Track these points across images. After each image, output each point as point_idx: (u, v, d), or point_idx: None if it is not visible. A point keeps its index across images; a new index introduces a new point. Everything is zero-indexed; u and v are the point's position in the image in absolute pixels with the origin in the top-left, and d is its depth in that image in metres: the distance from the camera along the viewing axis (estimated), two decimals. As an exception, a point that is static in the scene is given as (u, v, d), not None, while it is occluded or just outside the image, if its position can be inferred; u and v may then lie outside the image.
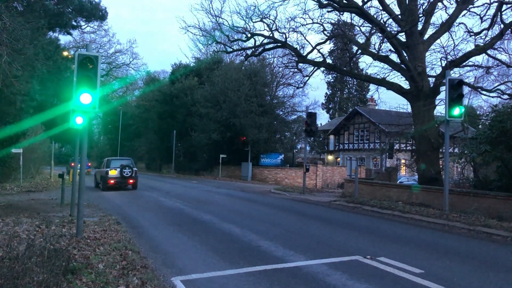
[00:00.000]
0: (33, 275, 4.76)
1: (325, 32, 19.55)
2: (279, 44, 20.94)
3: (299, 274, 6.22)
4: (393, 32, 17.22)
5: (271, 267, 6.50)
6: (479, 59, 21.94)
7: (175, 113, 42.58)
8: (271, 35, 20.38)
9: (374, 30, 17.77)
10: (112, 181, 20.75)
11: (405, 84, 18.25)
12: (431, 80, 17.32)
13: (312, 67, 21.02)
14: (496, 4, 15.93)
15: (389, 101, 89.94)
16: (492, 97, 18.05)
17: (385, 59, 18.18)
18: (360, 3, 17.68)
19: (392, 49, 17.81)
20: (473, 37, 17.22)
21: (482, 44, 16.65)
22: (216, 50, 29.46)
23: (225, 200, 17.10)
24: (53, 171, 28.38)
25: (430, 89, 16.74)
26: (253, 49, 22.04)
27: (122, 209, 13.73)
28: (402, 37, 17.53)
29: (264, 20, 20.19)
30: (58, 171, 24.50)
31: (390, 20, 17.61)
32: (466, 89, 16.31)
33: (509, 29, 15.89)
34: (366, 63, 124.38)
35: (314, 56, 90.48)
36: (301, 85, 27.15)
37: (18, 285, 4.47)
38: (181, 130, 42.38)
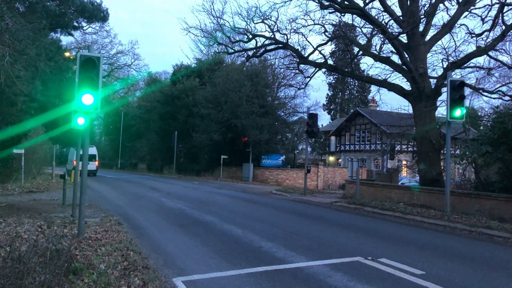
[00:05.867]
0: (35, 276, 4.77)
1: (327, 33, 19.58)
2: (280, 45, 20.96)
3: (300, 275, 6.22)
4: (394, 33, 17.21)
5: (272, 268, 6.51)
6: (481, 60, 22.09)
7: (176, 114, 42.60)
8: (272, 36, 20.40)
9: (376, 31, 17.77)
10: None
11: (407, 86, 18.25)
12: (433, 81, 17.30)
13: (314, 68, 21.06)
14: (497, 5, 15.94)
15: (390, 102, 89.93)
16: (494, 98, 18.05)
17: (386, 61, 18.17)
18: (362, 4, 17.70)
19: (394, 50, 17.81)
20: (475, 38, 17.21)
21: (484, 46, 16.64)
22: (217, 51, 29.52)
23: (226, 201, 17.10)
24: (54, 172, 28.39)
25: (432, 91, 16.73)
26: (254, 50, 22.05)
27: (124, 209, 13.73)
28: (403, 38, 17.52)
29: (265, 21, 20.23)
30: (59, 171, 24.51)
31: (392, 21, 17.62)
32: (467, 91, 16.31)
33: (511, 31, 15.87)
34: (368, 65, 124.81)
35: (316, 57, 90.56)
36: (303, 86, 27.06)
37: (21, 286, 4.48)
38: (183, 131, 42.39)
